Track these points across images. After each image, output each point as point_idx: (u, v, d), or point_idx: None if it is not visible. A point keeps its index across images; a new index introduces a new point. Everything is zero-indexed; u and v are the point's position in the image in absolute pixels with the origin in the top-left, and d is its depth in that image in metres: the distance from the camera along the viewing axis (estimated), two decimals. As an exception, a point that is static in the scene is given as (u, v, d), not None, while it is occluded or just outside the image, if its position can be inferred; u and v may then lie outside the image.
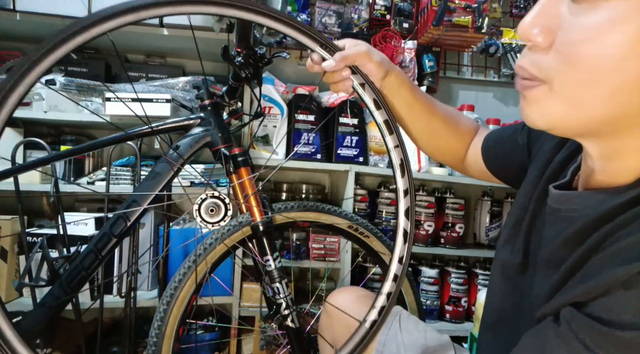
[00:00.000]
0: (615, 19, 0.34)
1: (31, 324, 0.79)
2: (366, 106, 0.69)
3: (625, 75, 0.34)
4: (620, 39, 0.34)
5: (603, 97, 0.36)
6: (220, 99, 0.88)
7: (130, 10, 0.56)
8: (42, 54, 0.57)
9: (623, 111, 0.36)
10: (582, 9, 0.36)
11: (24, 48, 1.63)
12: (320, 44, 0.64)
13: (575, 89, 0.37)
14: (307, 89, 1.68)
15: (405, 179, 0.70)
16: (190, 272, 0.89)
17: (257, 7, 0.59)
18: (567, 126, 0.40)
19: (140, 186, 0.83)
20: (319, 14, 1.75)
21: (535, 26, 0.39)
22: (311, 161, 1.59)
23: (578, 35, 0.36)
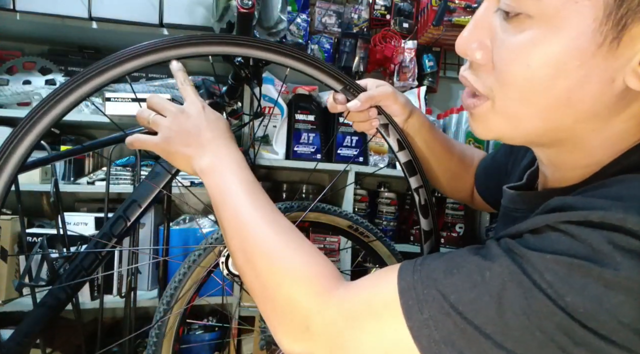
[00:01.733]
0: (538, 40, 0.34)
1: (31, 324, 0.79)
2: (389, 146, 0.69)
3: (554, 95, 0.35)
4: (545, 61, 0.34)
5: (536, 114, 0.37)
6: (220, 99, 0.88)
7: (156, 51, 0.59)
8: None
9: (555, 125, 0.38)
10: (511, 28, 0.36)
11: (24, 48, 1.63)
12: (345, 84, 0.64)
13: (511, 106, 0.38)
14: (307, 89, 1.68)
15: (429, 220, 0.70)
16: (190, 272, 0.89)
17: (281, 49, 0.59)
18: (511, 138, 0.41)
19: (140, 186, 0.83)
20: (319, 14, 1.75)
21: (473, 41, 0.39)
22: (311, 161, 1.59)
23: (508, 54, 0.36)
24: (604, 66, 0.33)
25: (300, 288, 0.41)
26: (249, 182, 0.49)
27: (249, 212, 0.46)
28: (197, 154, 0.52)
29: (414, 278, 0.36)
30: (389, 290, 0.37)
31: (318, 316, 0.40)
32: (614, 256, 0.29)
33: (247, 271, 0.45)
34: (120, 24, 1.43)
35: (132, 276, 1.33)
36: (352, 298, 0.39)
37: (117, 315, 1.61)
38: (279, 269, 0.43)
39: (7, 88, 1.40)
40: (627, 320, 0.28)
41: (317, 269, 0.43)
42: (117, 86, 1.48)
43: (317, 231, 1.59)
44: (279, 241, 0.44)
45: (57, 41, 1.61)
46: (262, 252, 0.44)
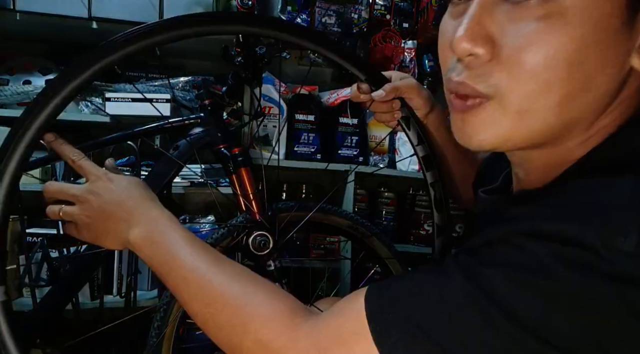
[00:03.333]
0: (560, 22, 0.32)
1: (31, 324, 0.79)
2: (409, 139, 0.69)
3: (576, 80, 0.33)
4: (569, 45, 0.32)
5: (552, 106, 0.34)
6: (220, 99, 0.88)
7: None
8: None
9: (566, 118, 0.35)
10: (522, 14, 0.33)
11: (24, 48, 1.63)
12: (369, 74, 0.65)
13: (526, 101, 0.35)
14: (307, 89, 1.68)
15: (442, 215, 0.71)
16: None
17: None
18: (513, 143, 0.38)
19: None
20: (318, 14, 1.75)
21: (472, 38, 0.35)
22: (311, 161, 1.59)
23: (525, 42, 0.33)
24: (619, 49, 0.33)
25: (268, 329, 0.41)
26: (186, 238, 0.48)
27: (199, 271, 0.45)
28: (124, 230, 0.49)
29: (379, 303, 0.37)
30: (357, 316, 0.37)
31: (291, 351, 0.40)
32: (555, 267, 0.30)
33: (211, 329, 0.45)
34: (120, 24, 1.43)
35: (132, 276, 1.33)
36: (322, 328, 0.39)
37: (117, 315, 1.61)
38: (241, 318, 0.42)
39: (7, 88, 1.40)
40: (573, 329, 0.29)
41: (279, 306, 0.42)
42: (117, 86, 1.48)
43: (317, 231, 1.59)
44: (238, 289, 0.44)
45: (57, 41, 1.61)
46: (221, 306, 0.43)
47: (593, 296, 0.29)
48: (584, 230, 0.30)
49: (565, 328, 0.30)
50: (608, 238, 0.29)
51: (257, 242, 0.74)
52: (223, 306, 0.43)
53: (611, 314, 0.29)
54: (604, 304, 0.29)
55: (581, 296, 0.29)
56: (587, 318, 0.29)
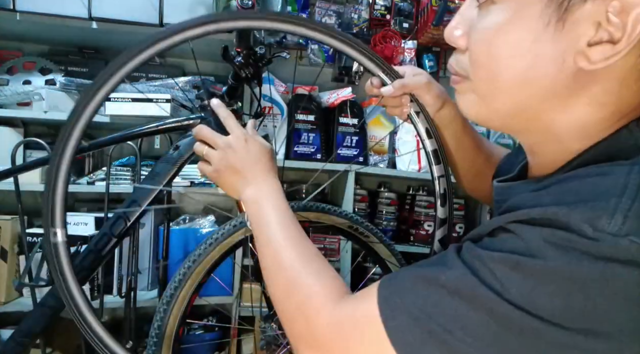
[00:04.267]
0: (500, 22, 0.38)
1: (31, 324, 0.79)
2: (418, 133, 0.71)
3: (514, 73, 0.39)
4: (504, 40, 0.38)
5: (501, 92, 0.40)
6: (220, 99, 0.88)
7: None
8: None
9: (522, 106, 0.40)
10: (481, 14, 0.41)
11: (24, 48, 1.63)
12: (383, 69, 0.67)
13: (482, 85, 0.42)
14: (307, 89, 1.68)
15: (445, 208, 0.74)
16: (190, 272, 0.89)
17: (330, 30, 0.64)
18: (488, 119, 0.45)
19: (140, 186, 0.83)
20: (318, 14, 1.75)
21: (457, 30, 0.44)
22: (311, 161, 1.59)
23: (476, 36, 0.41)
24: (552, 46, 0.36)
25: (307, 300, 0.49)
26: (282, 210, 0.58)
27: (278, 239, 0.55)
28: (242, 186, 0.62)
29: (388, 291, 0.41)
30: (369, 303, 0.42)
31: (315, 323, 0.46)
32: (544, 249, 0.33)
33: (272, 285, 0.54)
34: (120, 24, 1.43)
35: (132, 276, 1.33)
36: (342, 311, 0.45)
37: (117, 315, 1.61)
38: (293, 285, 0.51)
39: (7, 88, 1.40)
40: (560, 305, 0.32)
41: (324, 285, 0.49)
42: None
43: (317, 231, 1.59)
44: (299, 263, 0.52)
45: (57, 41, 1.61)
46: (284, 271, 0.53)
47: (579, 273, 0.31)
48: (571, 214, 0.32)
49: (554, 304, 0.32)
50: (594, 220, 0.31)
51: None
52: (285, 271, 0.52)
53: (595, 290, 0.31)
54: (589, 281, 0.31)
55: (568, 274, 0.32)
56: (574, 294, 0.31)
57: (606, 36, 0.34)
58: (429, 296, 0.38)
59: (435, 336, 0.36)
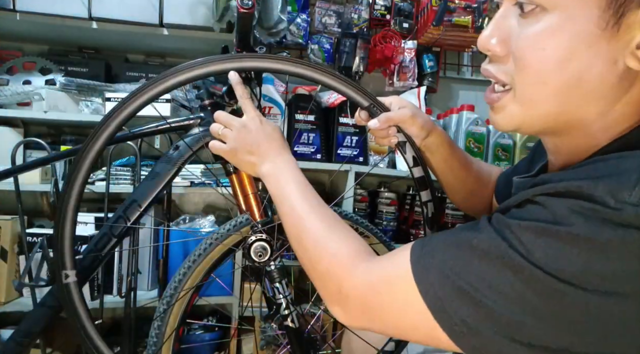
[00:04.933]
0: (552, 28, 0.40)
1: (31, 324, 0.79)
2: (406, 161, 0.75)
3: (567, 75, 0.41)
4: (558, 45, 0.40)
5: (551, 97, 0.42)
6: (220, 99, 0.88)
7: None
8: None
9: (568, 108, 0.43)
10: (527, 21, 0.42)
11: (24, 48, 1.63)
12: (370, 103, 0.72)
13: (528, 90, 0.44)
14: (307, 89, 1.68)
15: (434, 231, 0.78)
16: (190, 272, 0.89)
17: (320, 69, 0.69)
18: (529, 125, 0.46)
19: (140, 186, 0.83)
20: (318, 14, 1.75)
21: (492, 38, 0.45)
22: (311, 161, 1.59)
23: (525, 43, 0.42)
24: (607, 49, 0.39)
25: (335, 261, 0.52)
26: (299, 181, 0.62)
27: (300, 207, 0.59)
28: (258, 162, 0.65)
29: (422, 252, 0.44)
30: (402, 261, 0.45)
31: (348, 283, 0.49)
32: (570, 217, 0.36)
33: (299, 251, 0.57)
34: (120, 24, 1.43)
35: (132, 276, 1.33)
36: (373, 268, 0.48)
37: (117, 315, 1.61)
38: (320, 248, 0.54)
39: (7, 88, 1.40)
40: (581, 267, 0.34)
41: (350, 246, 0.53)
42: (117, 86, 1.48)
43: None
44: (323, 227, 0.56)
45: (57, 41, 1.61)
46: (309, 236, 0.56)
47: (600, 239, 0.34)
48: (596, 186, 0.35)
49: (576, 267, 0.35)
50: (616, 192, 0.34)
51: (256, 253, 0.79)
52: (310, 236, 0.56)
53: (615, 253, 0.34)
54: (609, 245, 0.34)
55: (590, 239, 0.34)
56: (595, 257, 0.34)
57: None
58: (460, 257, 0.41)
59: (464, 293, 0.39)
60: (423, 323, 0.42)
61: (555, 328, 0.36)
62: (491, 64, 0.47)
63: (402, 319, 0.44)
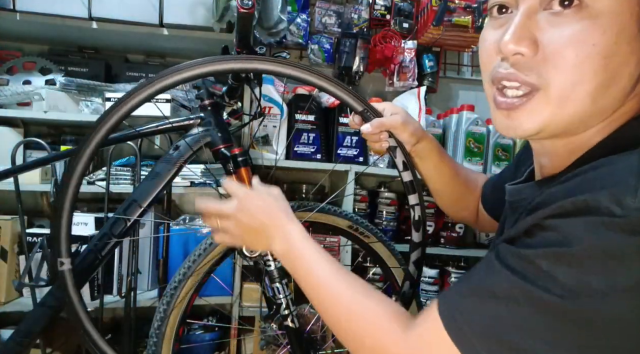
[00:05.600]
0: (601, 23, 0.40)
1: (31, 324, 0.79)
2: (396, 165, 0.78)
3: (609, 71, 0.41)
4: (607, 40, 0.40)
5: (586, 95, 0.42)
6: (220, 99, 0.88)
7: None
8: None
9: (600, 106, 0.43)
10: (567, 19, 0.41)
11: (24, 48, 1.63)
12: (363, 108, 0.74)
13: (567, 89, 0.42)
14: (307, 89, 1.68)
15: (419, 233, 0.80)
16: (190, 272, 0.89)
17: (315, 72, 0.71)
18: (555, 126, 0.45)
19: (140, 186, 0.83)
20: (318, 14, 1.75)
21: (518, 40, 0.43)
22: (311, 161, 1.59)
23: (567, 40, 0.41)
24: (639, 47, 0.40)
25: (376, 329, 0.50)
26: (315, 250, 0.59)
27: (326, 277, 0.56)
28: (268, 242, 0.63)
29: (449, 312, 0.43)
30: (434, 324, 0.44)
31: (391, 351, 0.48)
32: (581, 235, 0.36)
33: (335, 328, 0.55)
34: (120, 24, 1.43)
35: (132, 276, 1.33)
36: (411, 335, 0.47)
37: (117, 315, 1.61)
38: (357, 316, 0.52)
39: (7, 88, 1.40)
40: (604, 280, 0.34)
41: (388, 314, 0.51)
42: (117, 86, 1.48)
43: (317, 231, 1.59)
44: (356, 294, 0.53)
45: (57, 41, 1.61)
46: (343, 306, 0.54)
47: (616, 249, 0.34)
48: (599, 198, 0.36)
49: (600, 282, 0.34)
50: (620, 200, 0.35)
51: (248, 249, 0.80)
52: (343, 306, 0.53)
53: (634, 261, 0.34)
54: (626, 254, 0.34)
55: (607, 252, 0.35)
56: (616, 268, 0.34)
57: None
58: (487, 310, 0.40)
59: (503, 345, 0.39)
60: None
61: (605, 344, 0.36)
62: (514, 68, 0.45)
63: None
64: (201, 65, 0.67)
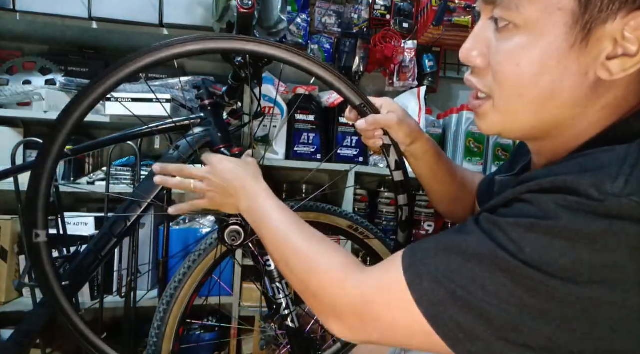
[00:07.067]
0: (524, 44, 0.43)
1: (31, 324, 0.79)
2: (388, 164, 0.78)
3: (540, 88, 0.43)
4: (530, 60, 0.42)
5: (528, 107, 0.45)
6: (220, 99, 0.88)
7: None
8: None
9: (544, 117, 0.45)
10: (502, 36, 0.44)
11: (24, 48, 1.63)
12: (361, 102, 0.73)
13: (506, 102, 0.46)
14: (307, 89, 1.68)
15: (405, 234, 0.81)
16: (190, 272, 0.89)
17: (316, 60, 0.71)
18: (510, 131, 0.49)
19: (140, 186, 0.83)
20: (318, 14, 1.75)
21: (473, 50, 0.48)
22: (311, 161, 1.59)
23: (501, 57, 0.45)
24: (577, 62, 0.41)
25: (327, 277, 0.52)
26: (276, 207, 0.63)
27: (283, 230, 0.60)
28: (237, 202, 0.68)
29: (413, 259, 0.45)
30: (394, 270, 0.45)
31: (341, 297, 0.49)
32: (557, 212, 0.37)
33: (287, 274, 0.58)
34: (120, 24, 1.43)
35: (132, 276, 1.33)
36: (366, 279, 0.49)
37: (117, 315, 1.61)
38: (309, 267, 0.54)
39: (7, 88, 1.40)
40: (570, 260, 0.35)
41: (338, 260, 0.53)
42: (117, 86, 1.48)
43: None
44: (307, 246, 0.56)
45: (57, 41, 1.61)
46: (294, 258, 0.57)
47: (587, 230, 0.35)
48: (580, 180, 0.37)
49: (565, 260, 0.35)
50: (599, 184, 0.36)
51: (230, 236, 0.81)
52: (296, 258, 0.56)
53: (602, 243, 0.35)
54: (596, 236, 0.35)
55: (578, 231, 0.35)
56: (583, 249, 0.35)
57: (621, 51, 0.40)
58: (451, 262, 0.41)
59: (458, 297, 0.40)
60: (419, 330, 0.42)
61: (550, 326, 0.36)
62: (473, 75, 0.49)
63: (398, 328, 0.45)
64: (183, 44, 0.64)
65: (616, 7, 0.38)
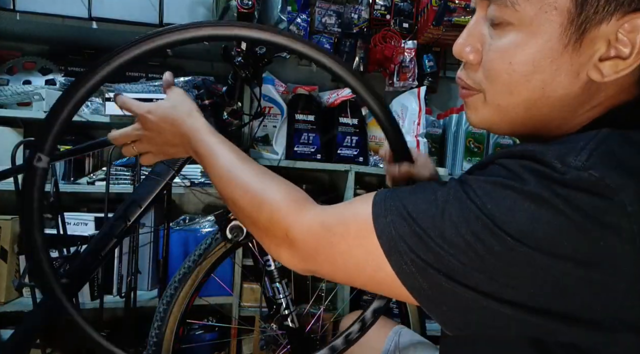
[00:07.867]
0: (518, 43, 0.43)
1: (31, 324, 0.79)
2: None
3: (532, 86, 0.43)
4: (523, 59, 0.43)
5: (518, 104, 0.45)
6: (220, 99, 0.88)
7: None
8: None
9: (535, 114, 0.45)
10: (496, 33, 0.44)
11: (24, 48, 1.63)
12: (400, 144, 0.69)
13: (498, 98, 0.46)
14: (307, 89, 1.68)
15: None
16: (190, 272, 0.90)
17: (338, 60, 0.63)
18: (499, 127, 0.49)
19: (140, 186, 0.83)
20: (318, 14, 1.75)
21: (466, 45, 0.48)
22: (311, 161, 1.59)
23: (494, 55, 0.45)
24: (570, 62, 0.41)
25: (278, 208, 0.50)
26: (220, 144, 0.60)
27: (228, 168, 0.57)
28: (184, 148, 0.64)
29: (386, 195, 0.45)
30: (363, 203, 0.46)
31: (297, 224, 0.49)
32: (523, 175, 0.38)
33: (236, 209, 0.56)
34: (120, 24, 1.43)
35: (132, 276, 1.33)
36: (328, 211, 0.48)
37: (117, 315, 1.61)
38: (259, 198, 0.52)
39: (7, 88, 1.40)
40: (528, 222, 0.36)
41: (290, 194, 0.52)
42: (117, 86, 1.48)
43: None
44: (255, 180, 0.54)
45: (57, 41, 1.61)
46: (243, 192, 0.54)
47: (547, 196, 0.36)
48: (547, 151, 0.38)
49: (523, 220, 0.37)
50: (563, 157, 0.37)
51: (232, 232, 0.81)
52: (245, 192, 0.54)
53: (559, 210, 0.36)
54: (556, 202, 0.36)
55: (539, 196, 0.36)
56: (542, 212, 0.36)
57: (614, 52, 0.40)
58: (421, 204, 0.42)
59: (418, 236, 0.41)
60: (372, 261, 0.43)
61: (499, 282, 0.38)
62: (464, 70, 0.50)
63: (351, 257, 0.45)
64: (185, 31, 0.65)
65: (612, 9, 0.39)
